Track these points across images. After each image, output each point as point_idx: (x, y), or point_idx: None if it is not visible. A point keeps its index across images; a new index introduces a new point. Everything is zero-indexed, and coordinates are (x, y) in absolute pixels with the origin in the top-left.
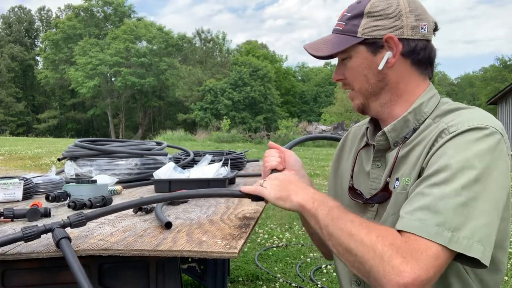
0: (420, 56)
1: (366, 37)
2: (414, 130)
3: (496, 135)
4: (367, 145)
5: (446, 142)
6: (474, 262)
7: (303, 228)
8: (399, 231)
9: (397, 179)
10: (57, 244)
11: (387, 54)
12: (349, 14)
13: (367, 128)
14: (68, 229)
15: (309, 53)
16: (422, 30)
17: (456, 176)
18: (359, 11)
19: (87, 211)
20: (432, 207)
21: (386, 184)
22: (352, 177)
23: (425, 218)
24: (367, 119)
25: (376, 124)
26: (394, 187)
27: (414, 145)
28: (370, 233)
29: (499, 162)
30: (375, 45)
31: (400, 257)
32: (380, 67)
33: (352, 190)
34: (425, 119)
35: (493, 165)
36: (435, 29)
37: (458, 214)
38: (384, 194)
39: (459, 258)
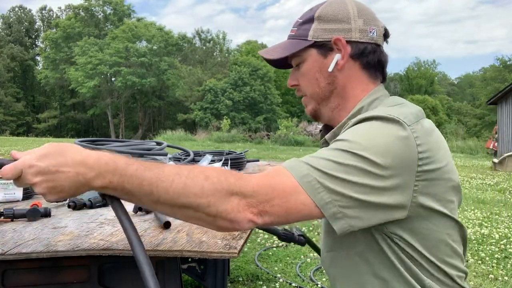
0: (369, 59)
1: (316, 39)
2: None
3: (402, 130)
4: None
5: (350, 127)
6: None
7: (303, 228)
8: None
9: None
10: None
11: (337, 56)
12: (301, 20)
13: (320, 131)
14: (67, 229)
15: (263, 58)
16: (371, 34)
17: (342, 145)
18: (310, 16)
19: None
20: (306, 156)
21: None
22: None
23: (293, 160)
24: None
25: (328, 129)
26: None
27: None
28: (208, 178)
29: (395, 152)
30: (325, 47)
31: (250, 190)
32: (330, 68)
33: None
34: None
35: (386, 151)
36: (386, 35)
37: (325, 164)
38: None
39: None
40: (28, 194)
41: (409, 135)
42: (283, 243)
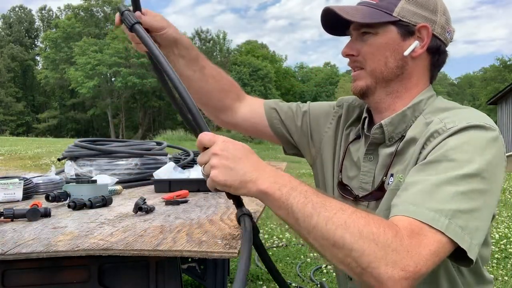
0: (440, 58)
1: (402, 18)
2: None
3: (495, 133)
4: (357, 138)
5: (445, 139)
6: (460, 259)
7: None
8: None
9: (392, 175)
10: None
11: (415, 43)
12: None
13: (365, 118)
14: (67, 229)
15: (327, 12)
16: (447, 35)
17: (456, 166)
18: None
19: None
20: (428, 193)
21: (382, 183)
22: (341, 170)
23: (420, 203)
24: (356, 98)
25: (370, 116)
26: (388, 184)
27: (408, 141)
28: (368, 224)
29: (498, 160)
30: (407, 29)
31: (404, 250)
32: (406, 53)
33: (342, 185)
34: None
35: (493, 163)
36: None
37: (455, 202)
38: (379, 193)
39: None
40: (28, 194)
41: (503, 143)
42: (283, 243)
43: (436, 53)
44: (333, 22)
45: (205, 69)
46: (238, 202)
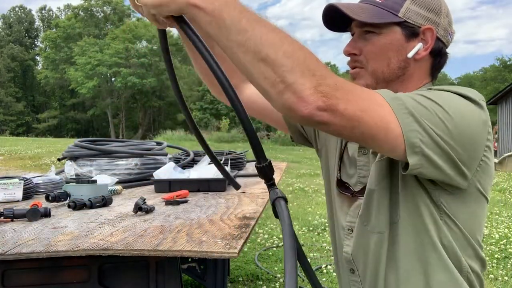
0: (441, 60)
1: (407, 19)
2: None
3: (476, 103)
4: None
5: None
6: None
7: (303, 228)
8: None
9: None
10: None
11: (419, 45)
12: None
13: None
14: (67, 229)
15: (338, 12)
16: (449, 37)
17: (423, 93)
18: None
19: None
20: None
21: None
22: (340, 168)
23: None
24: None
25: None
26: None
27: None
28: (308, 52)
29: (475, 129)
30: (411, 31)
31: (333, 83)
32: (410, 55)
33: (340, 182)
34: None
35: (467, 129)
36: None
37: (411, 101)
38: None
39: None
40: (28, 194)
41: (488, 117)
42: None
43: (438, 55)
44: (335, 19)
45: (213, 48)
46: (270, 182)
